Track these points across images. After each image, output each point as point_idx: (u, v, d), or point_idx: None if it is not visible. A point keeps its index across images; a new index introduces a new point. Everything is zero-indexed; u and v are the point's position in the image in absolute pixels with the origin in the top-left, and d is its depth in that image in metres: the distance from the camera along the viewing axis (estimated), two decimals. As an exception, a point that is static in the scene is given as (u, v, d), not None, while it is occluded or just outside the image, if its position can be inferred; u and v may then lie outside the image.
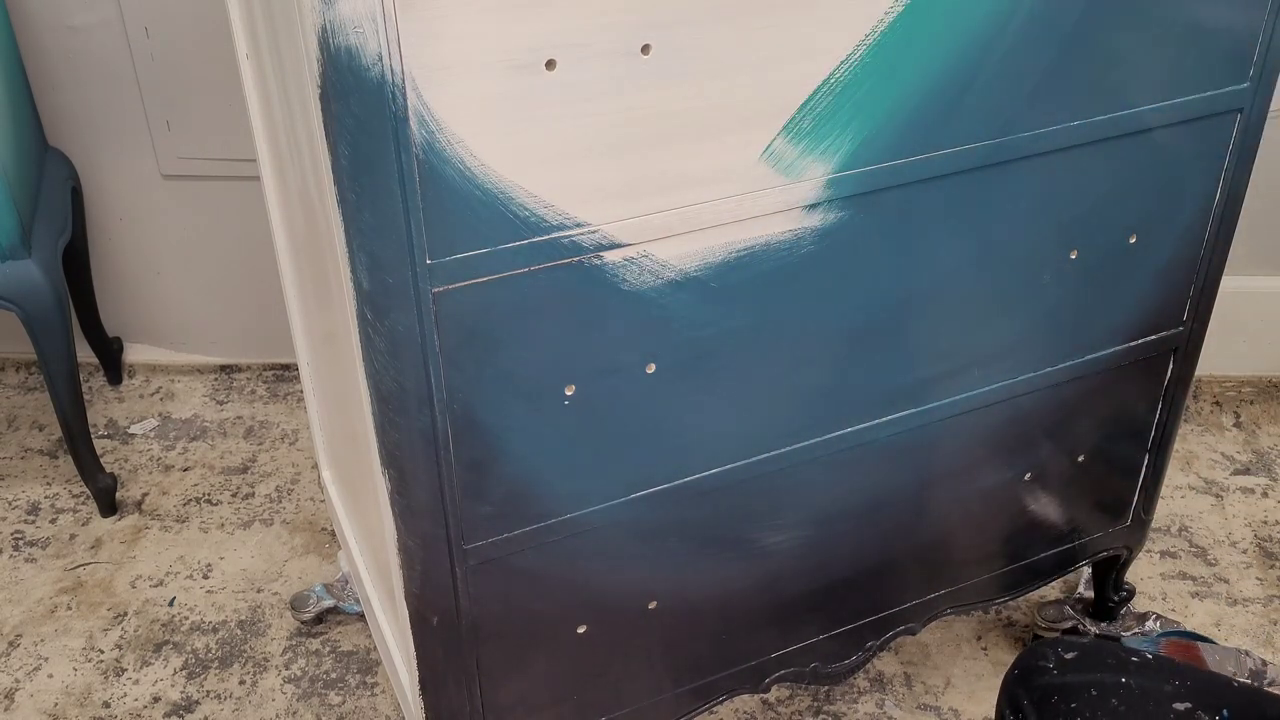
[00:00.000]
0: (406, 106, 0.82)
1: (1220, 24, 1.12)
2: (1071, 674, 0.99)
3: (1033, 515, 1.40)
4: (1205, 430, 2.02)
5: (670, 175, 0.94)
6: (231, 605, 1.70)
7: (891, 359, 1.16)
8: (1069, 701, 0.97)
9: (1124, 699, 0.95)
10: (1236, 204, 1.26)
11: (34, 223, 1.72)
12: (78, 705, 1.56)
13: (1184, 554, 1.78)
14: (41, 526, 1.85)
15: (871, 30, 0.95)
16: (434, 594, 1.06)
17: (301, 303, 1.42)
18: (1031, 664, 1.03)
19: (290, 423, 2.06)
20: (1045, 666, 1.01)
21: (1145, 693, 0.96)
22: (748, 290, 1.03)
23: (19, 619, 1.69)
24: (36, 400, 2.11)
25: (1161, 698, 0.95)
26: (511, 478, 1.03)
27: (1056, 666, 1.01)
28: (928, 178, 1.05)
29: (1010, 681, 1.04)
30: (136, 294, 2.14)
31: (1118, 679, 0.97)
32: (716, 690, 1.30)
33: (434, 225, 0.87)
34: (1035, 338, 1.24)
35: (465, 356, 0.94)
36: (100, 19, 1.85)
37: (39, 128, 1.90)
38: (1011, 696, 1.02)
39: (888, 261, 1.09)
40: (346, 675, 1.59)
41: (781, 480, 1.17)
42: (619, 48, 0.86)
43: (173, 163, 1.98)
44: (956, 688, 1.56)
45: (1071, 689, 0.98)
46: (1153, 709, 0.94)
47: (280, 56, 1.08)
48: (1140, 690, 0.96)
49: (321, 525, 1.84)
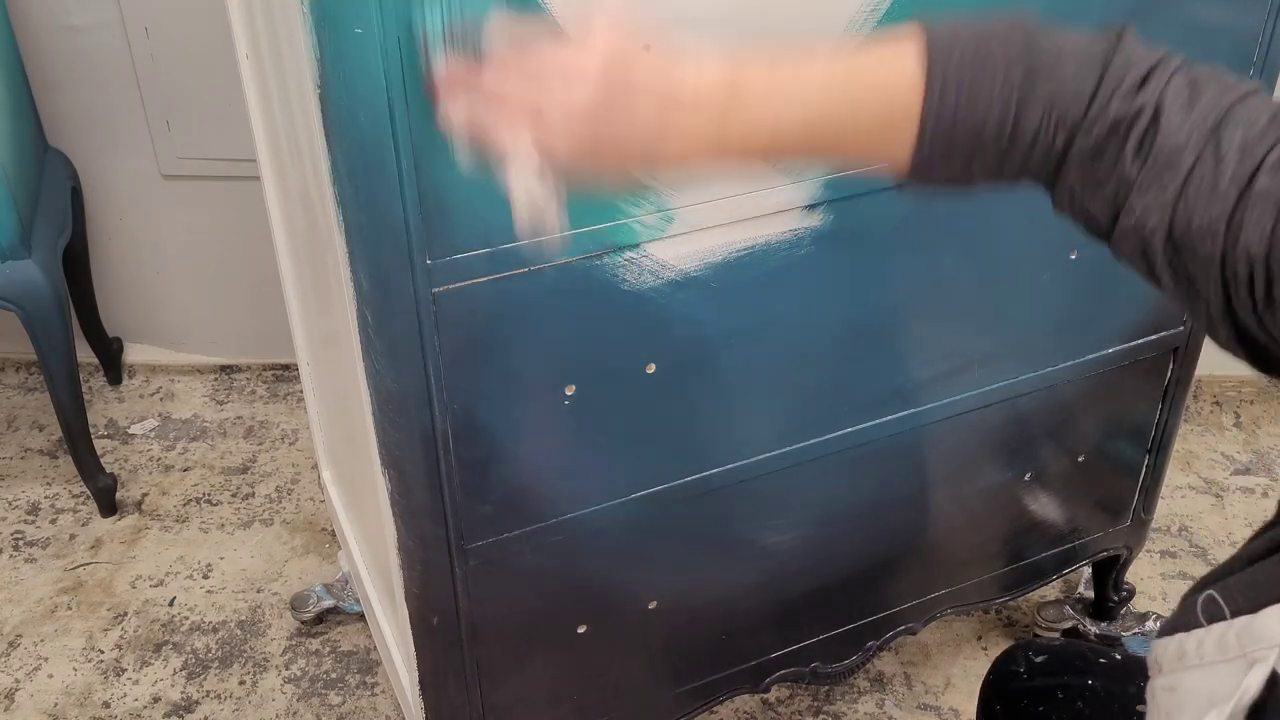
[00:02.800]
0: (406, 106, 0.82)
1: (1220, 24, 1.12)
2: (1040, 678, 1.00)
3: (1033, 515, 1.40)
4: (1205, 430, 2.02)
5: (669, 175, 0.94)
6: (231, 605, 1.70)
7: (892, 359, 1.16)
8: (1037, 705, 0.98)
9: (1089, 701, 0.96)
10: (1236, 204, 1.26)
11: (34, 223, 1.72)
12: (78, 705, 1.56)
13: (1184, 554, 1.78)
14: (41, 526, 1.85)
15: (872, 29, 0.95)
16: (434, 594, 1.06)
17: (301, 303, 1.42)
18: (1004, 669, 1.04)
19: (290, 423, 2.06)
20: (1016, 671, 1.02)
21: (1110, 694, 0.96)
22: (748, 290, 1.03)
23: (19, 619, 1.69)
24: (36, 400, 2.11)
25: (1126, 699, 0.95)
26: (511, 478, 1.03)
27: (1027, 671, 1.01)
28: (928, 178, 1.05)
29: (986, 686, 1.05)
30: (136, 294, 2.14)
31: (1084, 681, 0.97)
32: (716, 690, 1.30)
33: (434, 225, 0.87)
34: (1035, 337, 1.23)
35: (465, 356, 0.94)
36: (100, 19, 1.85)
37: (39, 128, 1.90)
38: (986, 702, 1.04)
39: (888, 262, 1.09)
40: (346, 675, 1.59)
41: (782, 480, 1.17)
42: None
43: (173, 163, 1.98)
44: (956, 688, 1.56)
45: (1039, 692, 0.99)
46: (1116, 710, 0.95)
47: (280, 56, 1.08)
48: (1105, 692, 0.96)
49: (321, 525, 1.84)
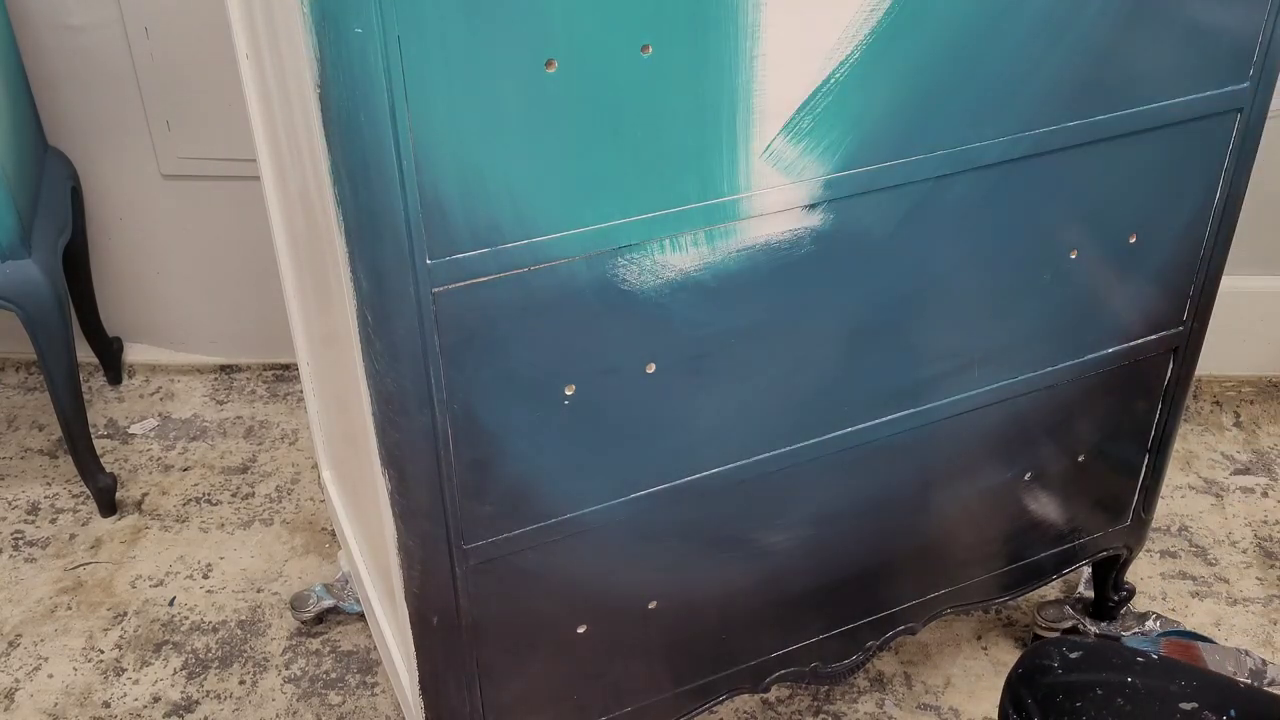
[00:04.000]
0: (407, 106, 0.82)
1: (1220, 24, 1.12)
2: (1076, 673, 0.99)
3: (1033, 515, 1.40)
4: (1205, 430, 2.02)
5: (670, 174, 0.94)
6: (231, 605, 1.70)
7: (892, 359, 1.16)
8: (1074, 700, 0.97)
9: (1130, 698, 0.95)
10: (1236, 204, 1.26)
11: (34, 223, 1.72)
12: (78, 705, 1.56)
13: (1184, 554, 1.78)
14: (41, 526, 1.85)
15: (869, 30, 0.95)
16: (434, 594, 1.06)
17: (301, 303, 1.42)
18: (1036, 663, 1.02)
19: (290, 423, 2.06)
20: (1050, 666, 1.01)
21: (1151, 692, 0.95)
22: (748, 290, 1.03)
23: (19, 619, 1.69)
24: (36, 400, 2.11)
25: (1168, 697, 0.94)
26: (511, 478, 1.03)
27: (1061, 666, 1.00)
28: (927, 178, 1.05)
29: (1014, 680, 1.03)
30: (136, 294, 2.14)
31: (1123, 679, 0.96)
32: (716, 690, 1.30)
33: (434, 225, 0.87)
34: (1035, 337, 1.23)
35: (465, 356, 0.94)
36: (100, 19, 1.85)
37: (39, 128, 1.90)
38: (1015, 696, 1.02)
39: (887, 261, 1.09)
40: (346, 675, 1.59)
41: (782, 480, 1.17)
42: (619, 48, 0.86)
43: (173, 163, 1.98)
44: (956, 687, 1.56)
45: (1076, 688, 0.97)
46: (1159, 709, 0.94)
47: (280, 56, 1.08)
48: (1146, 690, 0.95)
49: (321, 525, 1.84)
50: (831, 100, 0.97)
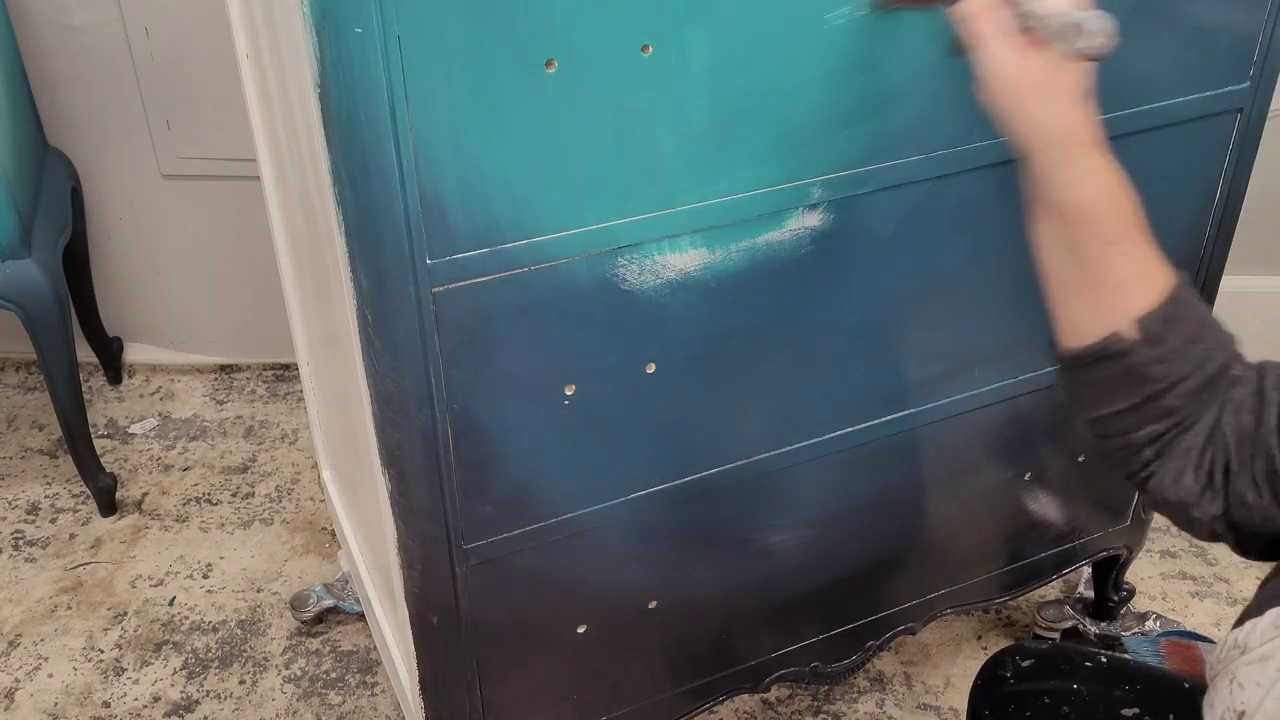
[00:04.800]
0: (407, 106, 0.82)
1: (1220, 24, 1.12)
2: (1027, 682, 1.00)
3: (1033, 515, 1.40)
4: (1205, 430, 2.02)
5: (670, 174, 0.94)
6: (231, 605, 1.70)
7: (891, 359, 1.16)
8: (1024, 710, 0.98)
9: (1075, 705, 0.96)
10: (1236, 204, 1.26)
11: (34, 223, 1.72)
12: (78, 705, 1.56)
13: (1184, 554, 1.78)
14: (41, 526, 1.85)
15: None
16: (434, 594, 1.06)
17: (301, 303, 1.42)
18: (992, 673, 1.04)
19: (290, 423, 2.07)
20: (1004, 676, 1.02)
21: (1095, 698, 0.96)
22: (747, 290, 1.03)
23: (19, 619, 1.69)
24: (36, 400, 2.12)
25: (1111, 703, 0.95)
26: (511, 478, 1.03)
27: (1014, 675, 1.02)
28: (927, 178, 1.05)
29: (974, 692, 1.05)
30: (136, 294, 2.14)
31: (1069, 685, 0.98)
32: (716, 690, 1.30)
33: (434, 225, 0.87)
34: (1035, 337, 1.23)
35: (465, 356, 0.94)
36: (100, 19, 1.85)
37: (39, 128, 1.90)
38: (975, 707, 1.04)
39: (887, 261, 1.09)
40: (346, 675, 1.59)
41: (781, 480, 1.17)
42: (619, 48, 0.86)
43: (173, 163, 1.98)
44: (956, 687, 1.56)
45: (1026, 697, 0.99)
46: (1102, 713, 0.95)
47: (280, 56, 1.08)
48: (1091, 696, 0.97)
49: (321, 525, 1.84)
50: (831, 100, 0.96)
